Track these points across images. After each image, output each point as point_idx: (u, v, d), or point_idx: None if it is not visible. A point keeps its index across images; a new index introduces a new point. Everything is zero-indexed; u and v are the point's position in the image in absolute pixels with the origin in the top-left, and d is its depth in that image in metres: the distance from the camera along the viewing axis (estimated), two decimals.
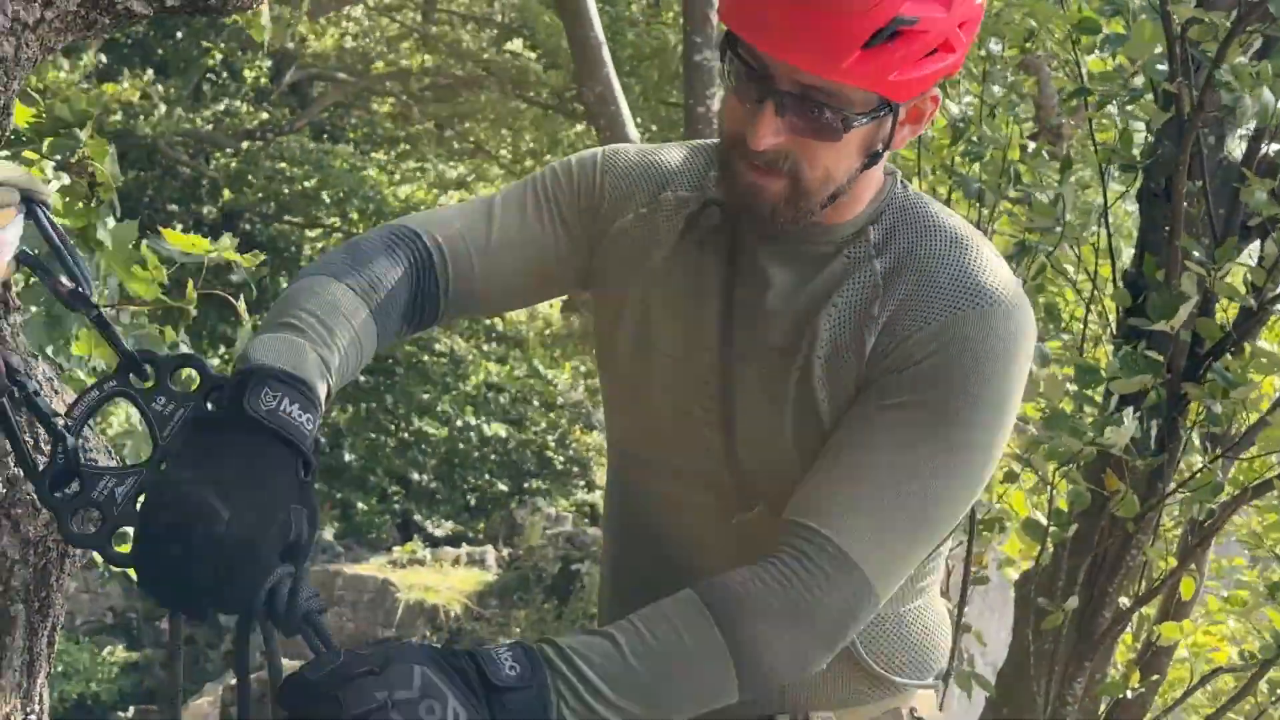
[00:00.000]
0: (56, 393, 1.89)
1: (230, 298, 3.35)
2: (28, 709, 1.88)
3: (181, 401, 1.84)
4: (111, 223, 2.93)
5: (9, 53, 1.79)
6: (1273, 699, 4.90)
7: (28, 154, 2.76)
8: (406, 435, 17.27)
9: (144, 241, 3.10)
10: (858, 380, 2.06)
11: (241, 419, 1.76)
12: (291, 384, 1.82)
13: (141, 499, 1.76)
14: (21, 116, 2.71)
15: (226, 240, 3.39)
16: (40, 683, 1.90)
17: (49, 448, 1.81)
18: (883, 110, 1.95)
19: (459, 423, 17.87)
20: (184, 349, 3.10)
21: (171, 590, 1.73)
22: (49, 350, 2.49)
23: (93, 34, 1.88)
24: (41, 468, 1.77)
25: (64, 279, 1.87)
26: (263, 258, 4.03)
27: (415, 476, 17.60)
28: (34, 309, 2.24)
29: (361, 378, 16.30)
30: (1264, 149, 4.77)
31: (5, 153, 1.88)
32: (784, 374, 2.09)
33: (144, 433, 1.92)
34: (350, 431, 16.66)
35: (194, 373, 1.87)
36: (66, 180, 2.78)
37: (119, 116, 14.18)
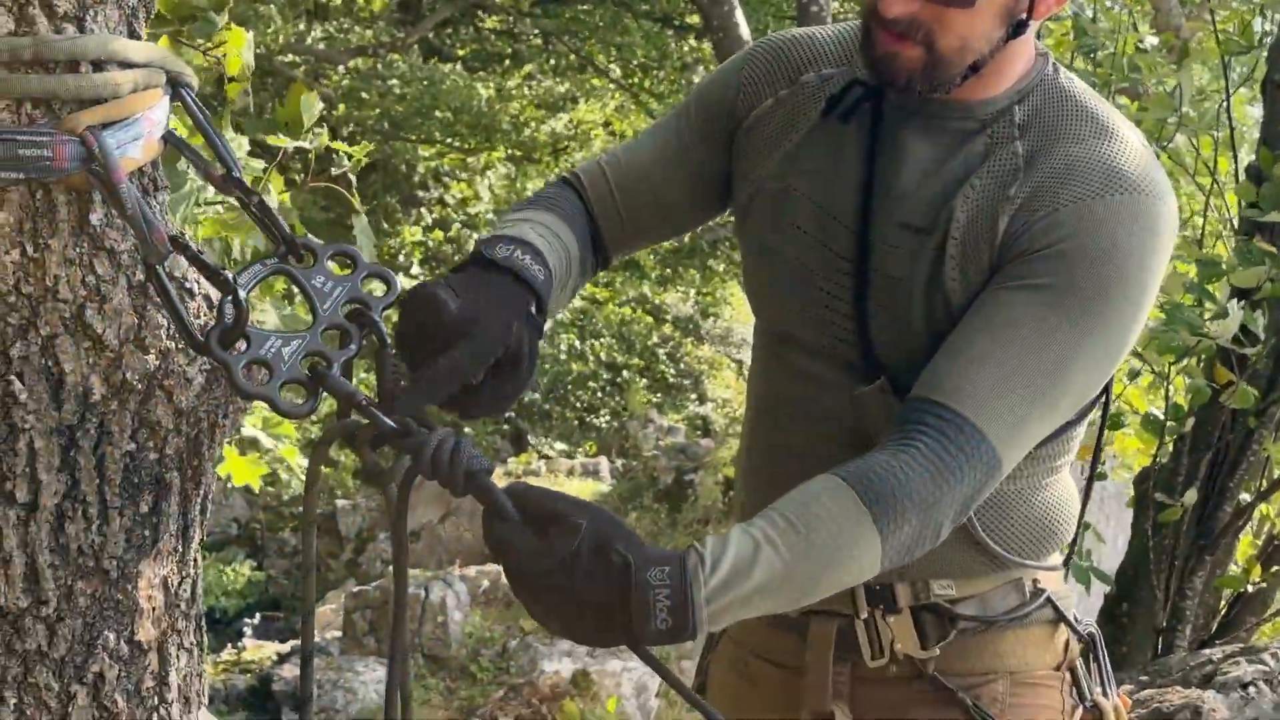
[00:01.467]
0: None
1: (343, 189, 3.41)
2: (183, 572, 1.94)
3: (339, 281, 1.91)
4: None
5: None
6: None
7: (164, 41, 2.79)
8: None
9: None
10: (992, 262, 2.05)
11: (481, 261, 1.92)
12: (522, 244, 1.97)
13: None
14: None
15: (325, 134, 3.44)
16: (194, 548, 1.96)
17: (214, 312, 1.87)
18: None
19: (563, 345, 17.88)
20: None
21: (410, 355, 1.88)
22: None
23: None
24: (210, 327, 1.82)
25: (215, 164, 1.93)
26: (370, 146, 4.08)
27: (526, 396, 17.69)
28: None
29: None
30: None
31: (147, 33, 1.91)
32: (918, 254, 2.10)
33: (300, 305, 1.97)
34: None
35: (348, 258, 1.94)
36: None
37: None
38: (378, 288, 1.97)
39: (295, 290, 1.96)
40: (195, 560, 1.96)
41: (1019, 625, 2.23)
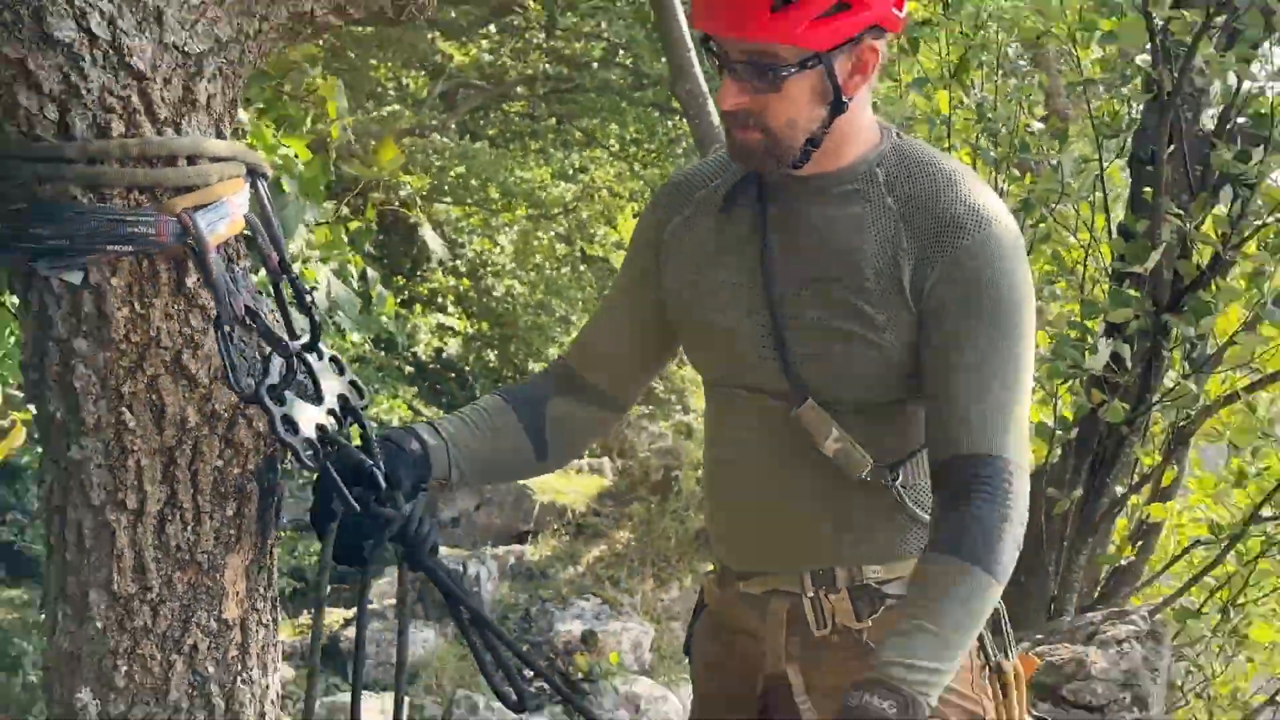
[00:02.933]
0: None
1: (406, 208, 3.45)
2: (261, 562, 1.96)
3: (338, 379, 2.04)
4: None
5: (236, 57, 1.86)
6: (1241, 566, 4.87)
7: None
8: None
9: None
10: (908, 289, 2.06)
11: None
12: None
13: None
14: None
15: (395, 153, 3.47)
16: (270, 542, 1.98)
17: (269, 366, 1.90)
18: (811, 62, 1.97)
19: None
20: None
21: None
22: None
23: (296, 41, 1.94)
24: (263, 381, 1.86)
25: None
26: (427, 179, 4.12)
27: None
28: None
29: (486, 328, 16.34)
30: (1231, 122, 4.72)
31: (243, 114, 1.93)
32: (828, 291, 2.10)
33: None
34: (484, 375, 16.64)
35: (339, 365, 2.07)
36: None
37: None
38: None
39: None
40: (271, 553, 1.98)
41: None
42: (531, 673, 2.20)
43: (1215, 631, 5.02)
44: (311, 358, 1.96)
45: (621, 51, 15.84)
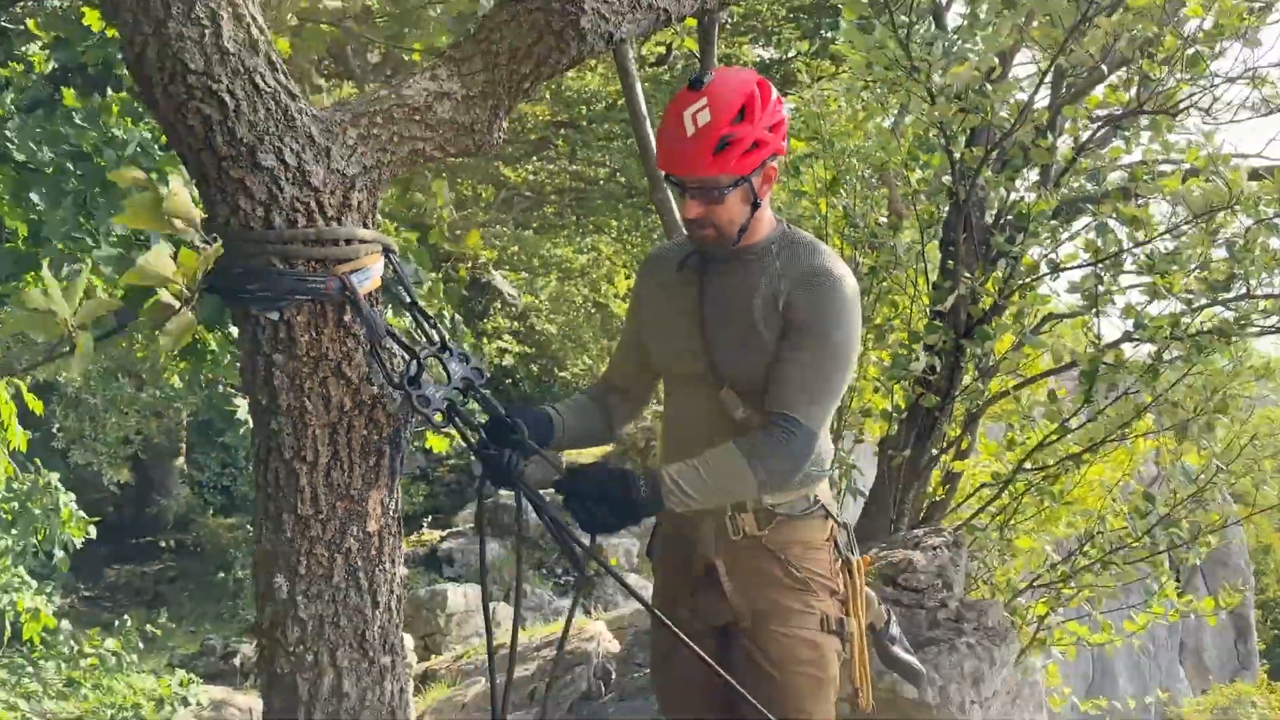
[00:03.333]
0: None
1: (483, 271, 3.46)
2: (391, 495, 1.98)
3: (462, 367, 2.05)
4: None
5: (376, 177, 1.90)
6: (1010, 499, 4.90)
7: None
8: (572, 377, 17.14)
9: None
10: (782, 327, 2.16)
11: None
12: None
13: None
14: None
15: (476, 237, 3.48)
16: (396, 484, 2.00)
17: (404, 366, 1.93)
18: (740, 181, 2.10)
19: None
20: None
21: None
22: None
23: (414, 169, 1.97)
24: (403, 375, 1.91)
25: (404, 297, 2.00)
26: (495, 255, 4.09)
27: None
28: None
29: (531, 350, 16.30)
30: (1003, 218, 4.78)
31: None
32: (738, 318, 2.20)
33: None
34: (527, 379, 16.60)
35: (466, 357, 2.08)
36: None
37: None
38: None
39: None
40: (395, 489, 2.00)
41: (807, 517, 2.27)
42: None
43: (994, 541, 5.06)
44: (445, 356, 2.01)
45: (618, 172, 15.92)
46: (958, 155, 4.35)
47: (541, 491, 2.13)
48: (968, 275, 4.44)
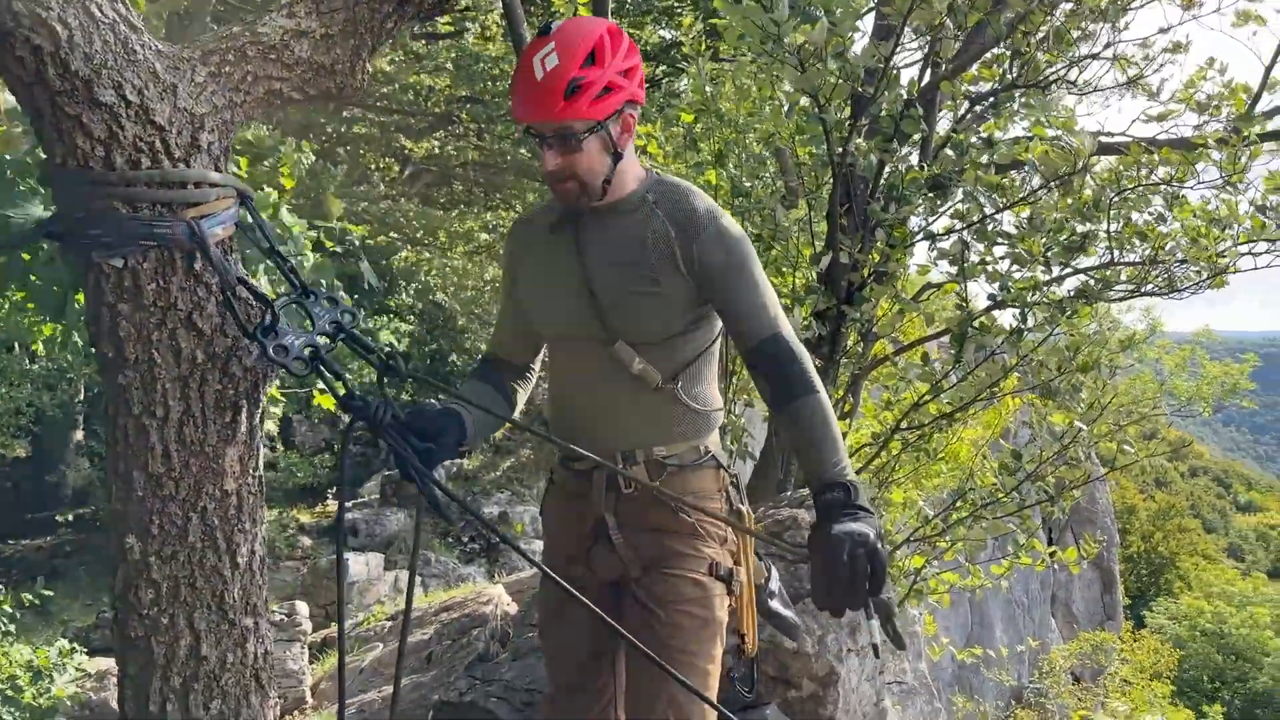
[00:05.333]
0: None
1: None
2: (250, 452, 1.85)
3: (328, 310, 1.87)
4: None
5: (228, 117, 1.75)
6: (889, 458, 4.95)
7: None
8: (468, 357, 16.88)
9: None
10: (680, 264, 2.06)
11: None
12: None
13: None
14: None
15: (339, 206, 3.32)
16: (257, 440, 1.87)
17: (260, 317, 1.79)
18: (596, 128, 1.98)
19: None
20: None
21: None
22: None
23: (273, 109, 1.83)
24: (257, 324, 1.76)
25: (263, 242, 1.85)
26: (366, 229, 3.94)
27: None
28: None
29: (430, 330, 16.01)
30: (880, 187, 4.78)
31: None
32: (627, 270, 2.08)
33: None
34: (423, 357, 16.32)
35: (332, 300, 1.90)
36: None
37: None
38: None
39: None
40: (257, 448, 1.87)
41: (698, 468, 2.20)
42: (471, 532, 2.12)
43: (873, 498, 5.11)
44: (309, 301, 1.85)
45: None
46: (831, 124, 4.31)
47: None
48: (846, 243, 4.42)
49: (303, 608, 5.86)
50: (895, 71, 4.39)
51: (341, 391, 1.84)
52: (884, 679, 3.86)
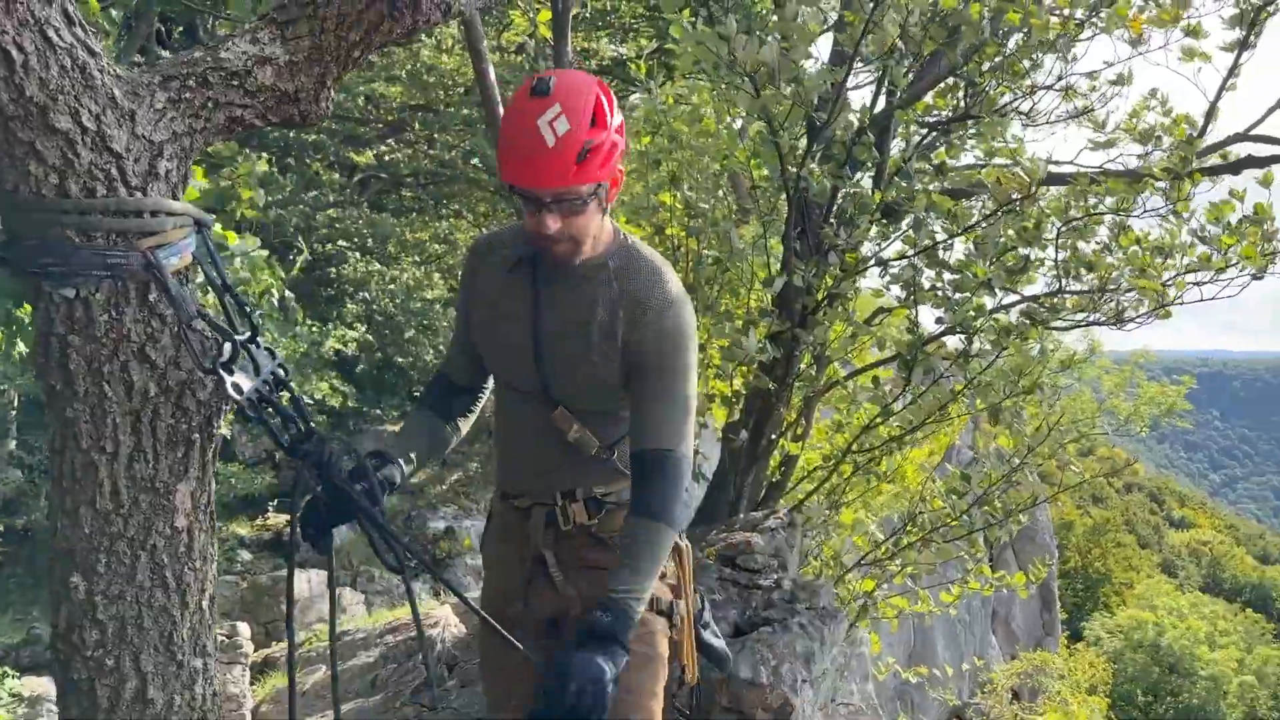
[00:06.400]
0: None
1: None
2: (203, 488, 1.80)
3: (268, 359, 1.84)
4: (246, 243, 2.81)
5: (187, 145, 1.71)
6: (840, 480, 4.99)
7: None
8: (415, 364, 16.64)
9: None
10: (621, 349, 2.04)
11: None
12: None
13: None
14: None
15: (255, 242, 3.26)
16: (209, 476, 1.82)
17: (222, 351, 1.75)
18: (600, 189, 1.94)
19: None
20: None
21: None
22: None
23: (233, 137, 1.79)
24: (217, 359, 1.73)
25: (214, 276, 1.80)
26: (307, 251, 3.86)
27: (422, 387, 17.02)
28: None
29: (380, 338, 15.83)
30: (832, 212, 4.81)
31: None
32: (574, 338, 2.06)
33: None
34: (375, 366, 16.08)
35: (271, 353, 1.86)
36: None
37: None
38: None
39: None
40: (209, 483, 1.82)
41: None
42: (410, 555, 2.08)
43: (825, 520, 5.14)
44: (254, 348, 1.80)
45: (474, 157, 15.59)
46: (785, 148, 4.34)
47: None
48: (800, 267, 4.45)
49: (244, 628, 5.73)
50: (846, 97, 4.44)
51: (287, 438, 1.83)
52: (835, 704, 3.89)
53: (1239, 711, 31.34)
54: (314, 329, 12.31)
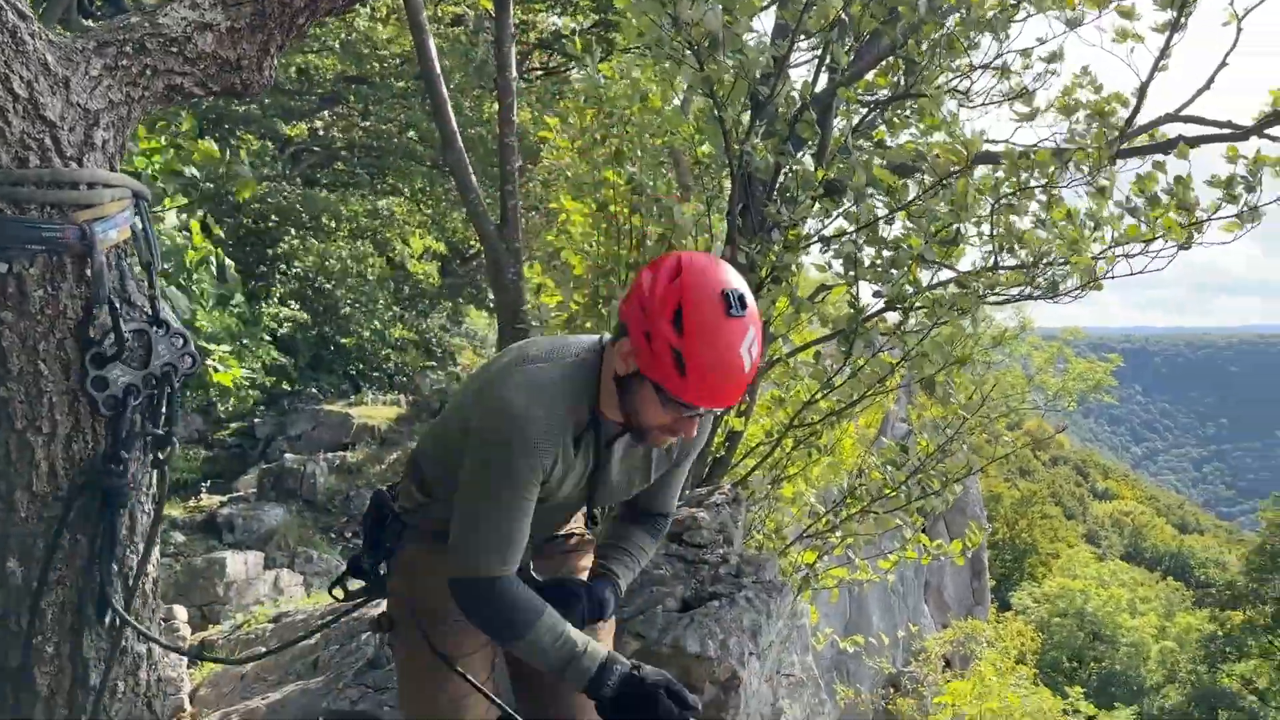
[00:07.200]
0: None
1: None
2: (142, 479, 1.75)
3: (172, 347, 1.74)
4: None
5: (124, 114, 1.65)
6: (782, 454, 5.01)
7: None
8: (354, 342, 16.38)
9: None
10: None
11: None
12: None
13: None
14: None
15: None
16: (150, 460, 1.76)
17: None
18: None
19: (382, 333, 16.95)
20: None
21: None
22: None
23: (171, 106, 1.73)
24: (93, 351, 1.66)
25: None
26: (255, 184, 3.73)
27: (360, 365, 16.71)
28: None
29: (316, 316, 15.57)
30: (775, 188, 4.80)
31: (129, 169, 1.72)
32: (629, 483, 2.02)
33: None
34: (309, 343, 15.81)
35: (183, 336, 1.77)
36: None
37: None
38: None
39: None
40: (151, 464, 1.77)
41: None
42: None
43: (767, 494, 5.17)
44: (157, 333, 1.71)
45: (410, 130, 15.32)
46: (729, 124, 4.33)
47: None
48: (744, 243, 4.46)
49: (181, 611, 5.62)
50: (788, 72, 4.45)
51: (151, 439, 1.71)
52: (779, 675, 3.94)
53: (1159, 675, 32.54)
54: (245, 310, 12.06)
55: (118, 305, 1.63)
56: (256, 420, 14.35)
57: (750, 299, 1.69)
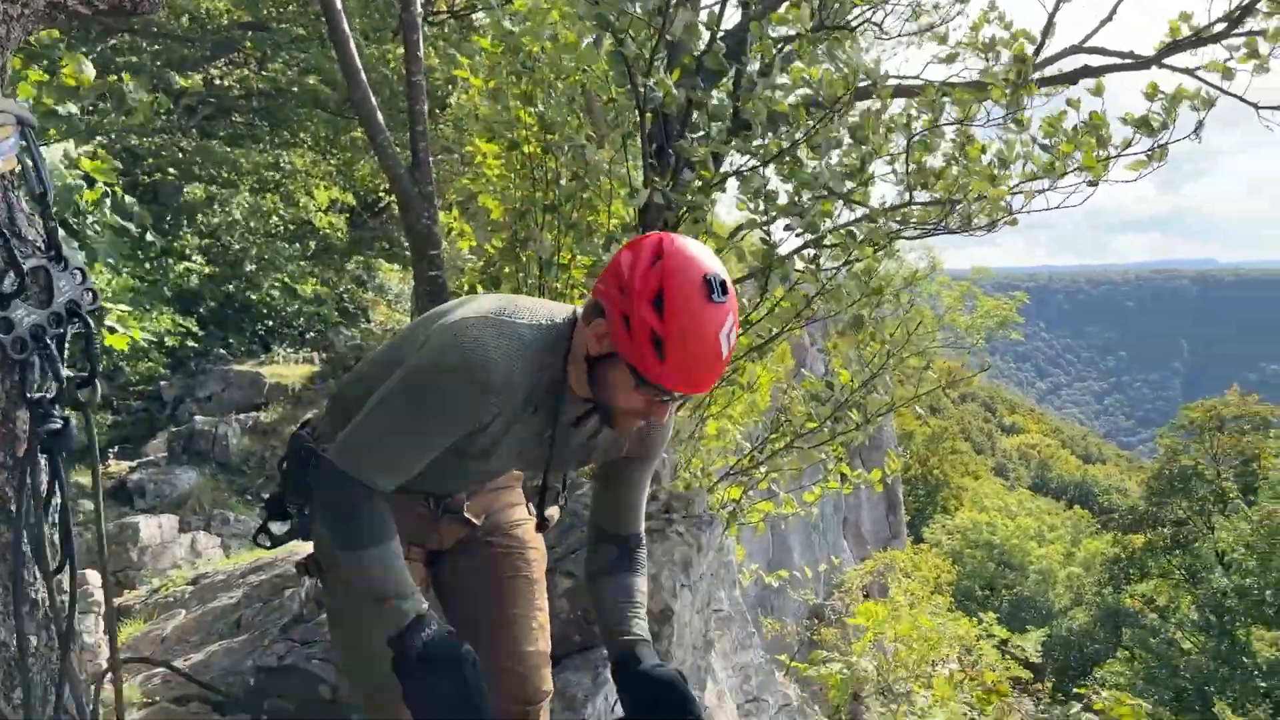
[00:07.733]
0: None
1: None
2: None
3: (73, 284, 1.65)
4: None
5: (3, 33, 1.53)
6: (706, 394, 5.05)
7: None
8: (262, 299, 15.88)
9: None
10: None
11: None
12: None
13: None
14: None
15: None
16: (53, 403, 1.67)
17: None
18: None
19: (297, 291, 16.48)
20: None
21: None
22: None
23: (55, 25, 1.62)
24: None
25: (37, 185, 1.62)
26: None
27: (270, 323, 16.25)
28: None
29: (222, 271, 15.10)
30: (686, 124, 4.75)
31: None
32: (584, 454, 2.01)
33: None
34: (217, 299, 15.31)
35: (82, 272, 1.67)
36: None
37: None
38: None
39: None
40: (54, 407, 1.68)
41: None
42: None
43: (692, 433, 5.21)
44: (57, 268, 1.61)
45: (310, 75, 14.81)
46: (632, 58, 4.26)
47: None
48: (659, 182, 4.42)
49: (94, 577, 5.44)
50: (694, 4, 4.39)
51: (52, 388, 1.59)
52: (709, 609, 3.99)
53: (1067, 598, 34.12)
54: (156, 253, 11.59)
55: (9, 239, 1.52)
56: (163, 383, 13.91)
57: (730, 285, 1.68)
